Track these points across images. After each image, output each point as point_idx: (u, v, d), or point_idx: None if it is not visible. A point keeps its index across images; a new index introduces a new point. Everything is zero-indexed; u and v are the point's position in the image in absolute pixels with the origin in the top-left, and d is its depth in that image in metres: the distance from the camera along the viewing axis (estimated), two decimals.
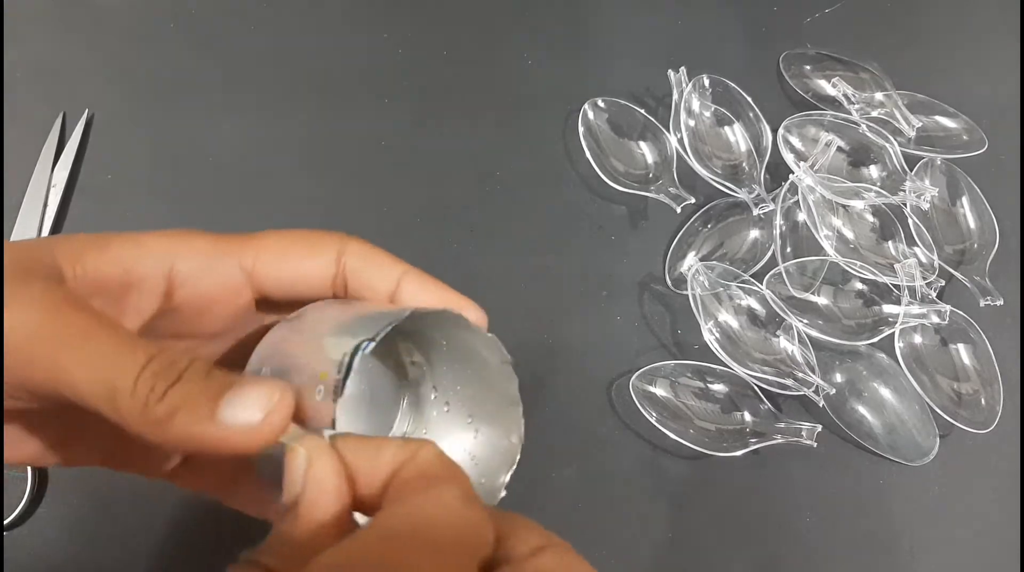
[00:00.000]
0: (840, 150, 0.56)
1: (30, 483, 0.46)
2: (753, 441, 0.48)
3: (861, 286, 0.52)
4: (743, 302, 0.52)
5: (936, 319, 0.49)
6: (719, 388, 0.51)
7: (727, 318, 0.51)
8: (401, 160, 0.57)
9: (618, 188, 0.55)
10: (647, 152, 0.57)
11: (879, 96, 0.58)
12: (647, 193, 0.55)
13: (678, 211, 0.54)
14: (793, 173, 0.53)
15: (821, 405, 0.49)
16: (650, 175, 0.56)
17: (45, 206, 0.54)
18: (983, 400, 0.51)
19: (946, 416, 0.50)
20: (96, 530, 0.47)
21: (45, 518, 0.47)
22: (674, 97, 0.57)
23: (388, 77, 0.60)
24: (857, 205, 0.54)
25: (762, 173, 0.55)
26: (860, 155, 0.56)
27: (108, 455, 0.29)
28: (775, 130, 0.56)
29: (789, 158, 0.55)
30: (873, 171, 0.56)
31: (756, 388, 0.50)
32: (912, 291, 0.50)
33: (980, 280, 0.53)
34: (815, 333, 0.50)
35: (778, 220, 0.53)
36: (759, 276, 0.52)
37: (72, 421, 0.27)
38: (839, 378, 0.51)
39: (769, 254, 0.54)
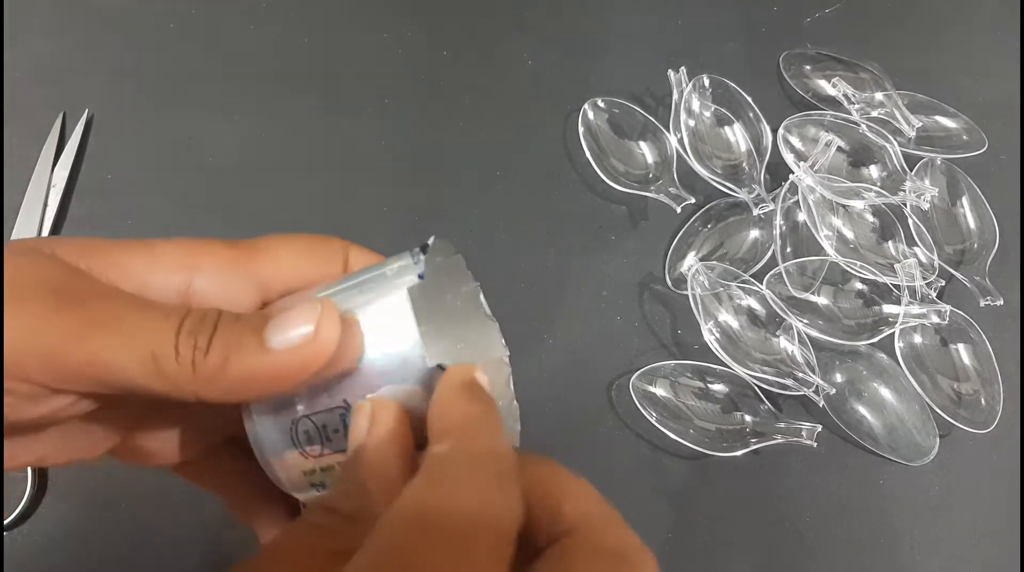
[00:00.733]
0: (840, 150, 0.56)
1: (30, 483, 0.46)
2: (753, 441, 0.48)
3: (861, 286, 0.52)
4: (743, 302, 0.52)
5: (936, 319, 0.49)
6: (719, 388, 0.51)
7: (727, 318, 0.51)
8: (401, 160, 0.57)
9: (618, 188, 0.55)
10: (647, 152, 0.57)
11: (879, 96, 0.58)
12: (647, 193, 0.55)
13: (678, 211, 0.54)
14: (793, 173, 0.53)
15: (821, 405, 0.49)
16: (650, 175, 0.56)
17: (45, 206, 0.54)
18: (983, 400, 0.51)
19: (946, 416, 0.50)
20: (96, 530, 0.47)
21: (45, 518, 0.47)
22: (674, 97, 0.57)
23: (388, 77, 0.60)
24: (857, 205, 0.54)
25: (762, 173, 0.55)
26: (860, 155, 0.56)
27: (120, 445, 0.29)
28: (775, 130, 0.56)
29: (789, 158, 0.55)
30: (873, 171, 0.56)
31: (756, 388, 0.50)
32: (912, 291, 0.50)
33: (980, 280, 0.53)
34: (815, 333, 0.50)
35: (778, 220, 0.53)
36: (759, 276, 0.52)
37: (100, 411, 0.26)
38: (839, 378, 0.51)
39: (769, 254, 0.54)
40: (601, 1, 0.64)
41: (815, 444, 0.48)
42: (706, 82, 0.58)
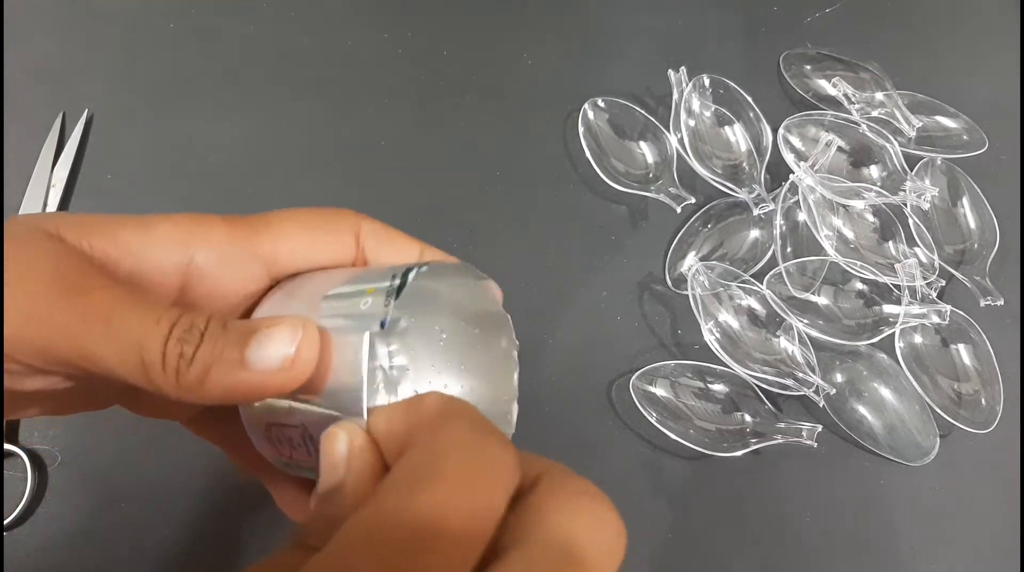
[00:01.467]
0: (840, 150, 0.56)
1: (30, 483, 0.46)
2: (753, 441, 0.48)
3: (861, 286, 0.52)
4: (743, 302, 0.52)
5: (936, 319, 0.49)
6: (719, 388, 0.51)
7: (727, 318, 0.51)
8: (401, 160, 0.57)
9: (618, 188, 0.55)
10: (647, 152, 0.57)
11: (879, 96, 0.58)
12: (647, 193, 0.55)
13: (678, 211, 0.54)
14: (793, 173, 0.53)
15: (821, 405, 0.49)
16: (650, 175, 0.56)
17: (45, 206, 0.54)
18: (983, 400, 0.51)
19: (946, 416, 0.50)
20: (96, 530, 0.47)
21: (45, 518, 0.47)
22: (674, 97, 0.57)
23: (388, 77, 0.60)
24: (857, 205, 0.54)
25: (762, 173, 0.55)
26: (860, 155, 0.56)
27: (127, 397, 0.30)
28: (775, 130, 0.56)
29: (789, 158, 0.55)
30: (873, 171, 0.56)
31: (756, 388, 0.50)
32: (912, 291, 0.50)
33: (980, 280, 0.53)
34: (815, 333, 0.50)
35: (778, 220, 0.53)
36: (759, 276, 0.52)
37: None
38: (839, 378, 0.51)
39: (769, 254, 0.54)
40: (601, 1, 0.64)
41: (815, 444, 0.48)
42: (706, 82, 0.58)
